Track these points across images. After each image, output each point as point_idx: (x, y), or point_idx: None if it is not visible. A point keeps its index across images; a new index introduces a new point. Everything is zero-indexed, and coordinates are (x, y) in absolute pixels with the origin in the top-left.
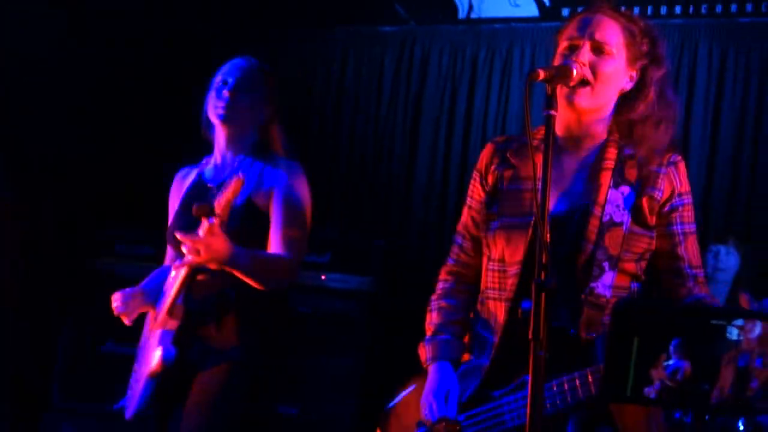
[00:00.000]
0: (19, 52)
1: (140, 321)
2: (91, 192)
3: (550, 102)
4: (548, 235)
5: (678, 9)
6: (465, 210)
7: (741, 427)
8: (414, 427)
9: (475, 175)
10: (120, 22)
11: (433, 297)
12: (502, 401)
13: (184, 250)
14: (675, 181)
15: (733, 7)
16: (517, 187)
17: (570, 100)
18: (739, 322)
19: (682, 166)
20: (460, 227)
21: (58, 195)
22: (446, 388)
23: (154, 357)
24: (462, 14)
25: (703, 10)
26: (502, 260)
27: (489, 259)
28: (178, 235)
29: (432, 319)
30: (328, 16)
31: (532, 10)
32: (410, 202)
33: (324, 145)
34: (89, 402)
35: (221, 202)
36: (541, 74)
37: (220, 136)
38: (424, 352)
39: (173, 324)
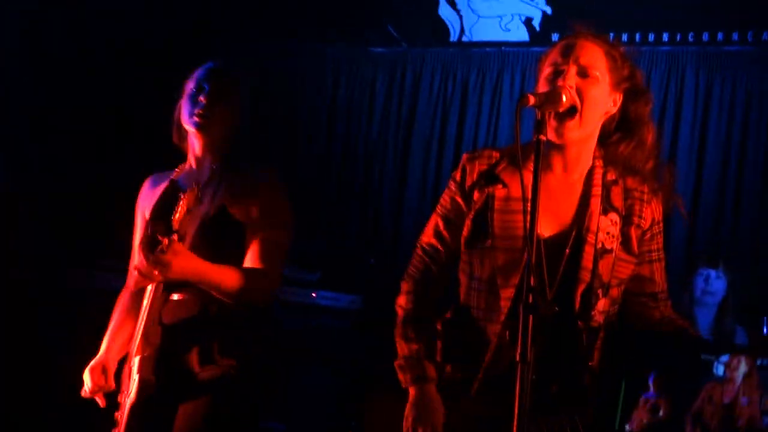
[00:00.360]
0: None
1: None
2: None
3: (540, 127)
4: (535, 258)
5: (666, 37)
6: (439, 220)
7: None
8: None
9: (453, 185)
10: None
11: (401, 315)
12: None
13: (142, 275)
14: (656, 211)
15: (720, 36)
16: (509, 209)
17: (560, 134)
18: (725, 358)
19: (659, 195)
20: (432, 238)
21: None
22: (430, 413)
23: (131, 387)
24: (453, 37)
25: (690, 38)
26: (491, 282)
27: (471, 278)
28: (135, 268)
29: (407, 336)
30: (321, 33)
31: (523, 35)
32: (401, 222)
33: (315, 163)
34: None
35: (177, 216)
36: (531, 100)
37: (196, 144)
38: (406, 373)
39: (149, 350)
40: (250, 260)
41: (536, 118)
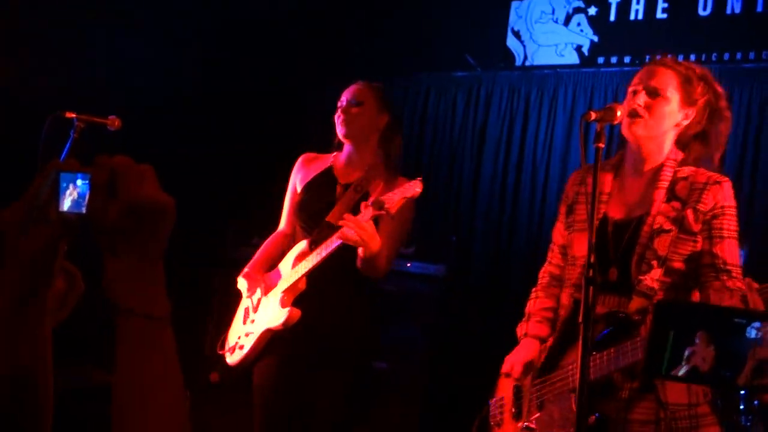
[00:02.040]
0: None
1: None
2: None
3: (599, 137)
4: (595, 238)
5: (693, 57)
6: (556, 224)
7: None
8: (512, 388)
9: (563, 196)
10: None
11: (533, 289)
12: (568, 367)
13: (344, 229)
14: (717, 196)
15: (738, 55)
16: (584, 200)
17: (628, 128)
18: (757, 324)
19: (726, 185)
20: (553, 236)
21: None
22: (529, 358)
23: (277, 317)
24: (518, 62)
25: (713, 58)
26: (573, 256)
27: (570, 255)
28: (346, 217)
29: (529, 306)
30: (414, 64)
31: (574, 59)
32: (475, 209)
33: (409, 165)
34: None
35: (394, 200)
36: (593, 115)
37: (347, 146)
38: (521, 329)
39: (299, 289)
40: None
41: (596, 130)
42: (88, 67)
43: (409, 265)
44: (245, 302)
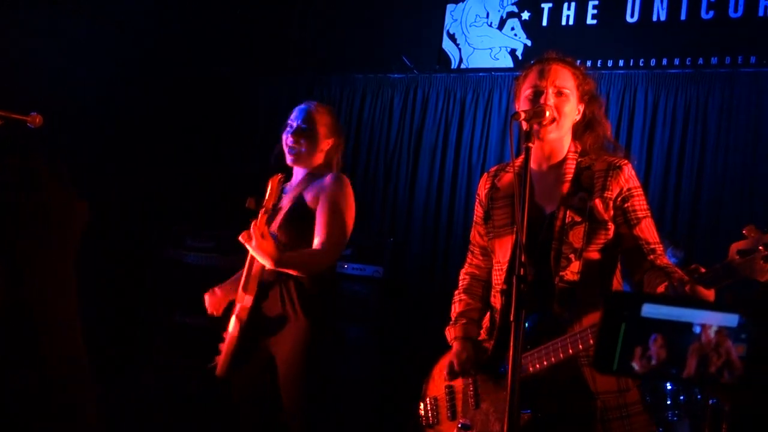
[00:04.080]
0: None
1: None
2: (164, 195)
3: (529, 136)
4: (524, 238)
5: (621, 62)
6: (473, 226)
7: (668, 386)
8: (444, 389)
9: (476, 198)
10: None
11: (456, 292)
12: (502, 367)
13: (243, 242)
14: (621, 180)
15: (665, 61)
16: (500, 205)
17: (540, 135)
18: (702, 314)
19: (626, 168)
20: (471, 238)
21: (141, 197)
22: (468, 359)
23: (232, 325)
24: (454, 65)
25: (641, 63)
26: (499, 261)
27: (495, 261)
28: (241, 237)
29: (455, 309)
30: (350, 65)
31: (508, 63)
32: (412, 211)
33: (346, 166)
34: (167, 359)
35: (267, 203)
36: (522, 115)
37: (294, 169)
38: (450, 333)
39: (249, 299)
40: (317, 239)
41: (524, 129)
42: (8, 56)
43: (346, 266)
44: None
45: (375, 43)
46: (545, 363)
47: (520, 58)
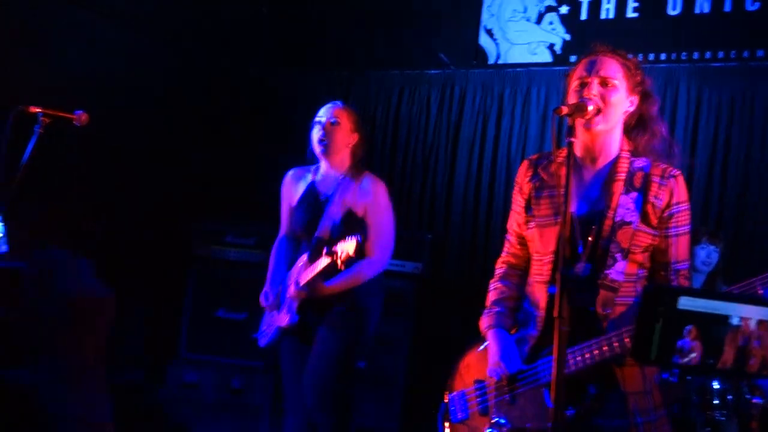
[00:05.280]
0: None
1: (244, 294)
2: (205, 192)
3: (571, 131)
4: (569, 232)
5: (663, 56)
6: (511, 214)
7: (716, 385)
8: (472, 383)
9: (515, 186)
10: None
11: (491, 281)
12: (538, 363)
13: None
14: (673, 192)
15: (708, 54)
16: (546, 194)
17: (588, 126)
18: (741, 309)
19: (680, 179)
20: (508, 227)
21: (182, 194)
22: (508, 351)
23: (283, 318)
24: (491, 61)
25: (683, 57)
26: (539, 252)
27: (532, 251)
28: (288, 295)
29: (489, 298)
30: (389, 61)
31: (547, 57)
32: (450, 207)
33: (384, 162)
34: (207, 354)
35: (343, 250)
36: (564, 110)
37: (323, 162)
38: (483, 322)
39: (300, 298)
40: (369, 249)
41: (568, 125)
42: (56, 58)
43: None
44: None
45: (412, 39)
46: (582, 363)
47: (558, 52)
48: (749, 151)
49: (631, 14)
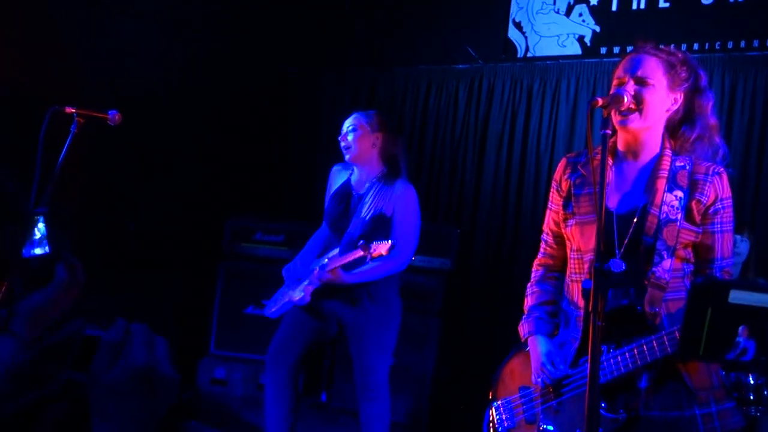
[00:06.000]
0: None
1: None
2: (233, 190)
3: (606, 123)
4: (606, 227)
5: (696, 46)
6: (547, 213)
7: (751, 381)
8: (517, 390)
9: (553, 184)
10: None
11: (528, 284)
12: (584, 366)
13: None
14: (718, 189)
15: (743, 43)
16: (586, 191)
17: (623, 125)
18: None
19: (724, 176)
20: (545, 227)
21: (210, 192)
22: (551, 357)
23: (297, 295)
24: (520, 54)
25: (717, 46)
26: (579, 249)
27: (571, 249)
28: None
29: (527, 302)
30: (416, 56)
31: (576, 50)
32: (478, 202)
33: (411, 158)
34: (237, 351)
35: (376, 249)
36: (600, 102)
37: (354, 166)
38: (523, 328)
39: (318, 283)
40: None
41: (603, 117)
42: (91, 59)
43: (414, 258)
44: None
45: (439, 33)
46: (633, 365)
47: (588, 44)
48: None
49: (663, 4)
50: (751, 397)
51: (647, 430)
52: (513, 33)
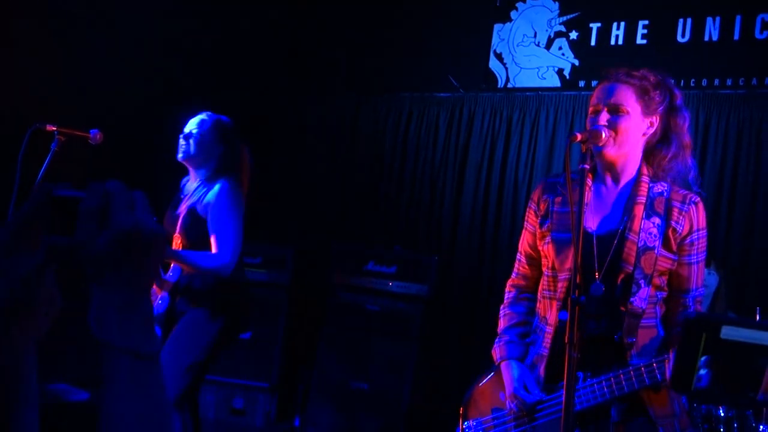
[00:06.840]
0: None
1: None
2: None
3: (584, 158)
4: (584, 249)
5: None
6: (523, 233)
7: (722, 413)
8: (489, 411)
9: (530, 205)
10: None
11: (501, 306)
12: (559, 393)
13: None
14: (693, 220)
15: (716, 81)
16: (564, 210)
17: (598, 152)
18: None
19: (700, 206)
20: (520, 247)
21: None
22: (524, 380)
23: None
24: (500, 84)
25: (692, 83)
26: (553, 268)
27: (546, 267)
28: None
29: (500, 325)
30: (397, 84)
31: (556, 82)
32: (457, 229)
33: (391, 184)
34: (209, 374)
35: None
36: (578, 137)
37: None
38: (495, 353)
39: (164, 291)
40: (213, 247)
41: (581, 152)
42: (75, 77)
43: (391, 284)
44: None
45: (421, 62)
46: (609, 394)
47: (567, 77)
48: (756, 178)
49: (640, 41)
50: (722, 429)
51: None
52: (494, 64)
